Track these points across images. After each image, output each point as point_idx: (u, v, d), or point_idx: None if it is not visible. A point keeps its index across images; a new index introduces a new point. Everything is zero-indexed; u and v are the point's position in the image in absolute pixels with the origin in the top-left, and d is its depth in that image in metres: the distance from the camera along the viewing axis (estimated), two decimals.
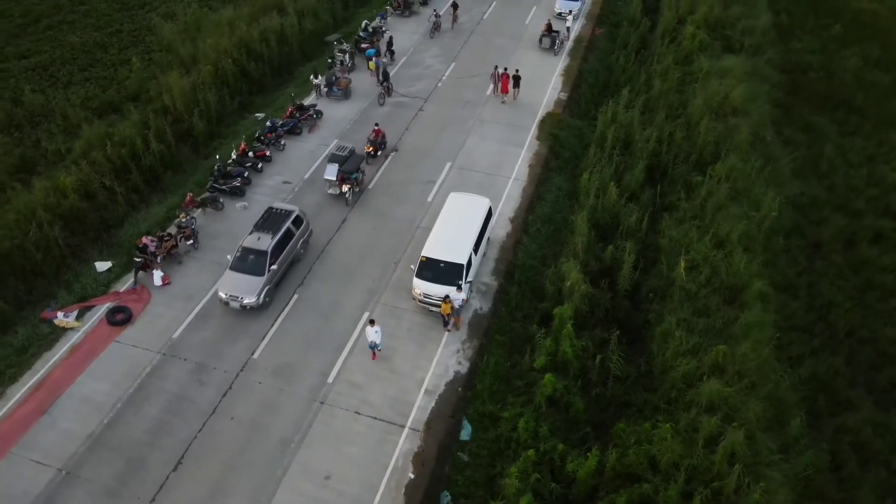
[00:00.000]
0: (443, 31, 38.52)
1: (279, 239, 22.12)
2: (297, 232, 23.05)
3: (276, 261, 21.92)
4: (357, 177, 26.08)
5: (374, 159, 28.23)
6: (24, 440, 18.00)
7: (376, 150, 28.21)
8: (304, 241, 23.66)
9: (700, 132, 27.17)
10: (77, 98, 32.66)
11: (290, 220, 22.85)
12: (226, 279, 21.61)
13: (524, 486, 16.48)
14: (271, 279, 21.83)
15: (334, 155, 26.23)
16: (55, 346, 20.60)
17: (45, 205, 23.92)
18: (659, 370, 19.27)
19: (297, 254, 23.40)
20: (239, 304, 21.21)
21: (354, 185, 26.05)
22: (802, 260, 24.32)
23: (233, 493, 16.96)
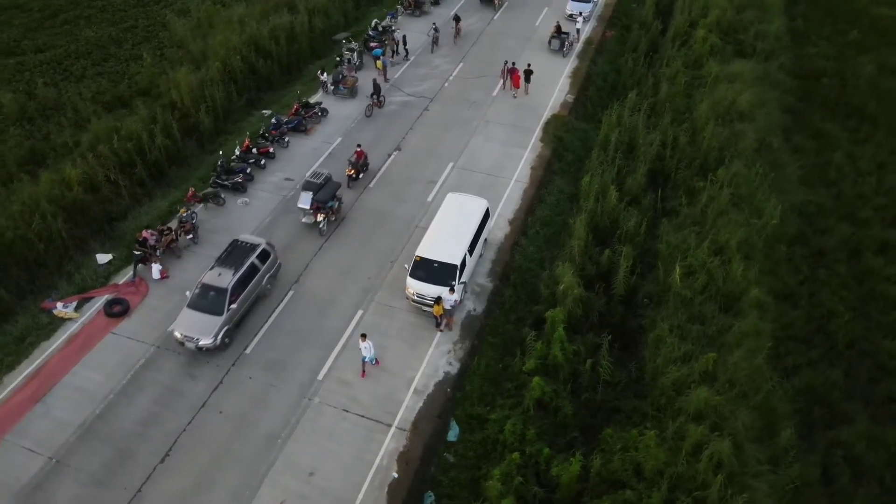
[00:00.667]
0: (441, 45, 36.93)
1: (242, 275, 20.77)
2: (262, 267, 21.64)
3: (236, 299, 20.49)
4: (333, 205, 24.71)
5: (357, 182, 26.96)
6: (17, 428, 18.31)
7: (358, 172, 26.85)
8: (272, 275, 22.28)
9: (705, 137, 26.88)
10: (89, 92, 33.14)
11: (255, 254, 21.50)
12: (182, 317, 20.22)
13: (506, 489, 16.42)
14: (231, 318, 20.40)
15: (308, 182, 24.73)
16: (53, 336, 20.93)
17: (50, 196, 24.30)
18: (650, 376, 19.11)
19: (263, 290, 21.96)
20: (194, 345, 19.87)
21: (330, 214, 24.68)
22: (805, 268, 23.94)
23: (217, 486, 17.11)
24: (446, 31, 37.53)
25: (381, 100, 31.67)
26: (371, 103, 31.34)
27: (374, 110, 31.47)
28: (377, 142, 29.65)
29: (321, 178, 24.89)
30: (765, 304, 20.99)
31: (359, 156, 27.11)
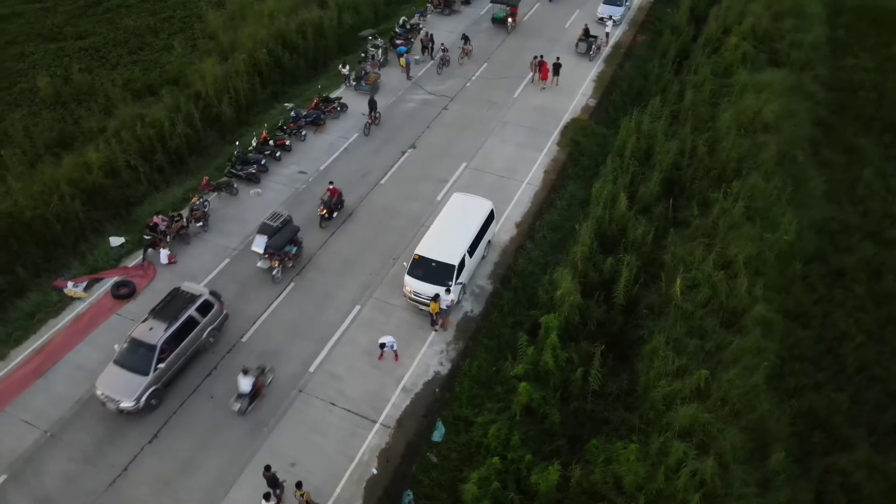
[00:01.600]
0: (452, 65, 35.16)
1: (176, 330, 18.90)
2: (202, 320, 19.74)
3: (167, 357, 18.63)
4: (290, 250, 22.75)
5: (329, 222, 24.91)
6: (18, 400, 18.96)
7: (331, 211, 24.68)
8: (215, 328, 20.36)
9: (724, 147, 26.17)
10: (121, 79, 34.08)
11: (195, 306, 19.57)
12: (107, 373, 18.44)
13: (483, 494, 16.29)
14: (159, 379, 18.52)
15: (264, 224, 22.57)
16: (61, 314, 21.60)
17: (70, 179, 25.07)
18: (642, 389, 18.71)
19: (204, 343, 20.13)
20: (115, 407, 18.10)
21: (287, 261, 22.76)
22: (821, 287, 23.07)
23: (201, 469, 17.41)
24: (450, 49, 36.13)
25: (376, 116, 30.31)
26: (368, 121, 30.08)
27: (372, 128, 30.20)
28: (393, 139, 29.76)
29: (279, 221, 22.67)
30: (771, 321, 20.31)
31: (332, 193, 24.83)
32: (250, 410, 18.75)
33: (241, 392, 18.60)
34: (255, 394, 18.83)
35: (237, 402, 18.58)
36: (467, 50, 35.48)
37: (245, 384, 18.55)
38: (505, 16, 38.41)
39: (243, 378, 18.55)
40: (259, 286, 22.61)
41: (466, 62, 35.42)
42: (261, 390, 19.13)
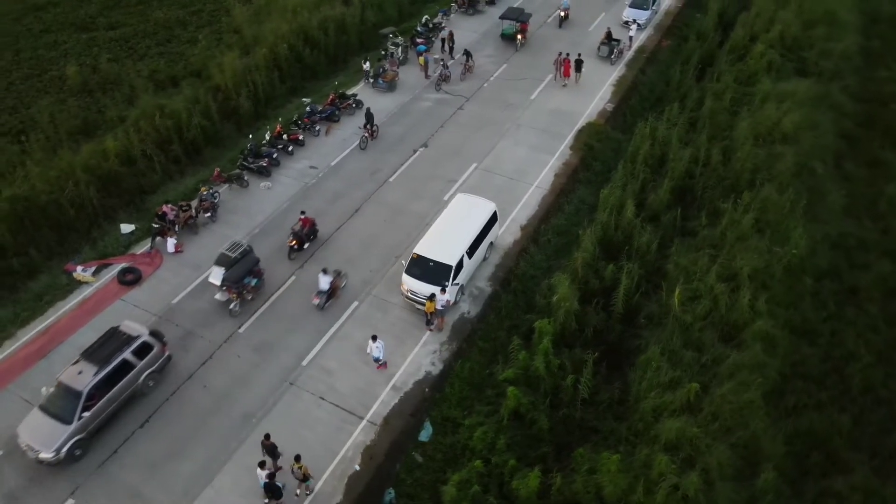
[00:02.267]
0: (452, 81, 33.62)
1: (107, 375, 17.54)
2: (139, 363, 18.32)
3: (95, 404, 17.24)
4: (250, 282, 21.49)
5: (300, 253, 23.53)
6: (20, 379, 19.50)
7: (301, 243, 23.32)
8: (154, 370, 18.92)
9: (740, 157, 25.59)
10: (146, 70, 34.83)
11: (132, 348, 18.23)
12: (30, 420, 17.20)
13: (462, 497, 16.22)
14: (84, 428, 17.12)
15: (222, 255, 21.14)
16: (68, 297, 22.16)
17: (86, 166, 25.70)
18: (633, 399, 18.41)
19: (142, 387, 18.73)
20: (35, 457, 16.79)
21: (245, 293, 21.54)
22: (831, 305, 22.34)
23: (188, 457, 17.68)
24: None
25: (374, 129, 29.32)
26: (364, 134, 28.99)
27: (369, 142, 29.15)
28: (406, 137, 29.80)
29: (238, 252, 21.25)
30: (774, 337, 19.81)
31: (304, 223, 23.58)
32: (327, 307, 21.53)
33: (321, 289, 21.42)
34: (331, 293, 21.50)
35: (316, 297, 21.40)
36: (469, 66, 34.07)
37: (324, 282, 21.37)
38: (514, 32, 36.79)
39: (323, 276, 21.33)
40: None
41: (469, 77, 33.96)
42: (336, 291, 21.83)
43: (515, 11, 37.34)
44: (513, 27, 36.94)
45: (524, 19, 36.77)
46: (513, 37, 36.76)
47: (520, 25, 36.63)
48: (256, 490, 16.91)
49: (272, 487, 16.12)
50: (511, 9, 37.92)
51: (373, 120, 29.15)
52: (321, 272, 21.36)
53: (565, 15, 38.65)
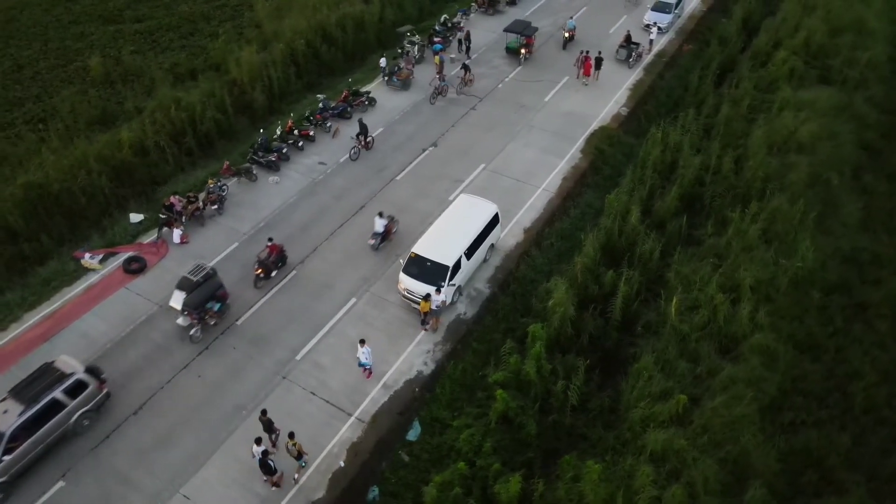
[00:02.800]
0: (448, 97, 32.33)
1: (33, 416, 16.48)
2: (70, 403, 17.29)
3: (18, 445, 16.22)
4: (212, 307, 20.56)
5: (267, 281, 22.47)
6: (23, 361, 19.93)
7: (267, 271, 22.32)
8: (89, 410, 17.87)
9: (752, 166, 25.08)
10: (167, 63, 35.41)
11: (63, 387, 17.13)
12: None
13: (443, 498, 16.18)
14: (6, 471, 16.20)
15: (184, 279, 20.59)
16: (75, 284, 22.63)
17: (100, 155, 26.22)
18: (624, 408, 18.17)
19: (74, 427, 17.62)
20: None
21: (207, 318, 20.62)
22: (839, 320, 21.77)
23: (177, 445, 17.94)
24: None
25: (369, 141, 28.50)
26: (356, 144, 28.10)
27: (362, 152, 28.33)
28: (416, 136, 29.81)
29: (201, 275, 20.60)
30: (775, 351, 19.39)
31: (271, 250, 22.51)
32: (381, 247, 23.53)
33: (376, 231, 23.42)
34: (385, 234, 23.46)
35: (372, 239, 23.43)
36: (467, 79, 32.72)
37: (379, 225, 23.33)
38: (518, 46, 35.07)
39: (379, 220, 23.35)
40: None
41: (468, 91, 32.63)
42: (390, 233, 23.81)
43: (521, 24, 35.54)
44: (518, 41, 35.41)
45: (529, 33, 35.06)
46: (517, 50, 35.24)
47: (525, 39, 35.16)
48: (242, 481, 17.14)
49: (266, 465, 16.42)
50: (517, 21, 36.18)
51: (367, 131, 28.26)
52: (377, 215, 23.46)
53: (570, 36, 36.35)
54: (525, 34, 35.00)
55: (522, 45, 34.99)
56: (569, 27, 36.51)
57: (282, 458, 17.23)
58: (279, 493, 16.95)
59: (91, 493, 16.81)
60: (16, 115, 31.96)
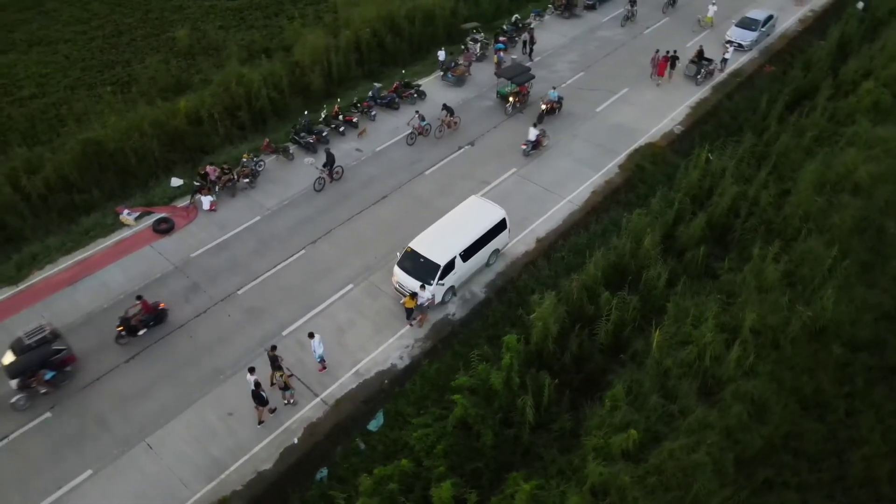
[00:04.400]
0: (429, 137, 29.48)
1: None
2: None
3: None
4: (44, 374, 18.47)
5: (134, 339, 20.47)
6: (48, 299, 21.95)
7: (133, 330, 20.29)
8: None
9: (792, 202, 23.29)
10: (245, 40, 37.36)
11: None
12: None
13: (377, 491, 16.34)
14: None
15: (17, 340, 18.93)
16: (109, 236, 24.53)
17: (156, 121, 28.17)
18: (583, 435, 17.56)
19: None
20: None
21: (36, 386, 18.50)
22: (860, 381, 19.91)
23: (153, 398, 19.14)
24: None
25: (335, 172, 26.69)
26: (321, 176, 26.28)
27: (327, 183, 26.50)
28: (456, 133, 29.78)
29: (35, 338, 18.83)
30: (766, 402, 18.08)
31: (145, 308, 20.54)
32: (530, 154, 27.99)
33: (529, 139, 27.89)
34: (536, 143, 27.93)
35: (524, 144, 27.88)
36: (448, 122, 29.50)
37: (532, 134, 27.87)
38: (509, 92, 31.05)
39: (532, 129, 27.89)
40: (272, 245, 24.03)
41: (448, 134, 29.59)
42: (540, 144, 28.19)
43: (515, 69, 31.33)
44: (510, 87, 31.23)
45: (522, 80, 30.91)
46: (506, 98, 31.20)
47: (519, 87, 31.11)
48: (202, 440, 18.10)
49: (258, 396, 17.80)
50: (513, 65, 32.26)
51: (334, 161, 26.41)
52: (532, 125, 28.03)
53: (549, 108, 30.35)
54: (517, 81, 30.90)
55: (514, 93, 31.07)
56: (550, 98, 30.69)
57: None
58: (229, 456, 17.69)
59: (70, 428, 18.31)
60: (105, 76, 34.91)
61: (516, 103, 31.21)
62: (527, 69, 31.66)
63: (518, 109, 31.33)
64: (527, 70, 31.50)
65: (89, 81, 34.28)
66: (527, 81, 31.35)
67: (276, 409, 18.84)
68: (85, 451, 17.76)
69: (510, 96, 31.01)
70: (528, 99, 31.86)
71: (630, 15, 38.49)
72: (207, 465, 17.54)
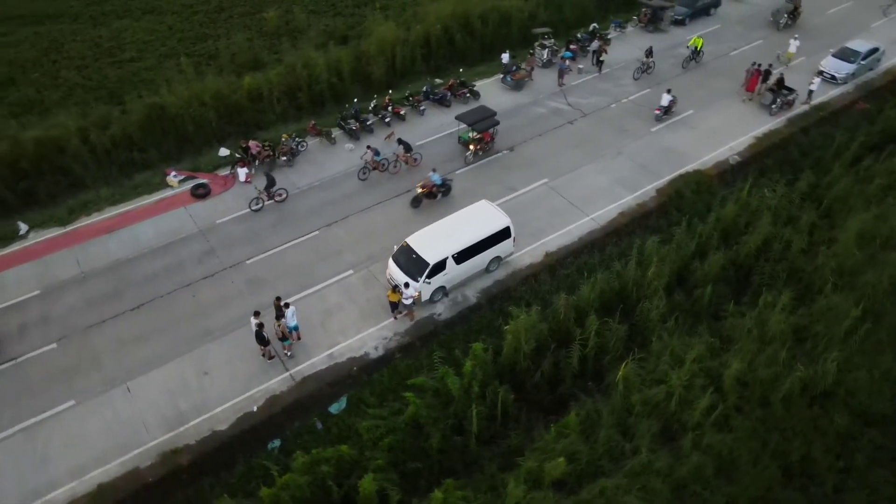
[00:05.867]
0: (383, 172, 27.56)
1: None
2: None
3: None
4: None
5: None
6: (85, 244, 24.16)
7: None
8: None
9: (825, 252, 21.33)
10: (326, 26, 38.92)
11: None
12: None
13: (310, 470, 16.80)
14: None
15: None
16: (153, 194, 26.58)
17: (218, 93, 30.10)
18: (524, 455, 17.14)
19: None
20: None
21: None
22: (861, 458, 18.03)
23: (146, 346, 20.60)
24: None
25: (275, 193, 25.65)
26: (260, 195, 25.40)
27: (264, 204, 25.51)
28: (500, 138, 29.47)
29: None
30: (735, 459, 16.84)
31: None
32: (663, 119, 30.01)
33: (662, 105, 30.24)
34: (668, 108, 30.20)
35: (658, 110, 30.26)
36: (405, 158, 27.47)
37: (665, 100, 30.10)
38: (469, 140, 28.07)
39: (666, 95, 30.17)
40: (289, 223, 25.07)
41: (405, 170, 27.51)
42: (670, 109, 30.40)
43: (479, 113, 27.98)
44: (471, 133, 28.03)
45: (484, 127, 27.62)
46: (466, 145, 28.22)
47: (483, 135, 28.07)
48: (176, 393, 19.33)
49: (260, 336, 19.49)
50: (477, 108, 28.59)
51: (273, 184, 25.54)
52: (665, 91, 30.26)
53: (427, 191, 25.49)
54: (478, 128, 27.53)
55: (476, 141, 27.90)
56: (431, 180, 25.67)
57: None
58: (193, 411, 18.77)
59: (68, 360, 20.14)
60: (196, 48, 37.63)
61: (477, 150, 28.11)
62: (492, 114, 28.07)
63: (480, 157, 28.18)
64: (492, 115, 28.03)
65: (182, 51, 37.05)
66: (490, 128, 28.04)
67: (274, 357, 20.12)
68: (74, 384, 19.50)
69: (470, 144, 28.01)
70: (493, 146, 28.73)
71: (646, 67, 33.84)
72: (172, 417, 18.74)
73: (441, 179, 25.84)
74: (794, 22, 38.29)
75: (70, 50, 37.41)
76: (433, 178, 25.71)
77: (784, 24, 37.76)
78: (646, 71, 33.82)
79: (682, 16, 38.51)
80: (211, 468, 17.84)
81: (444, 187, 25.84)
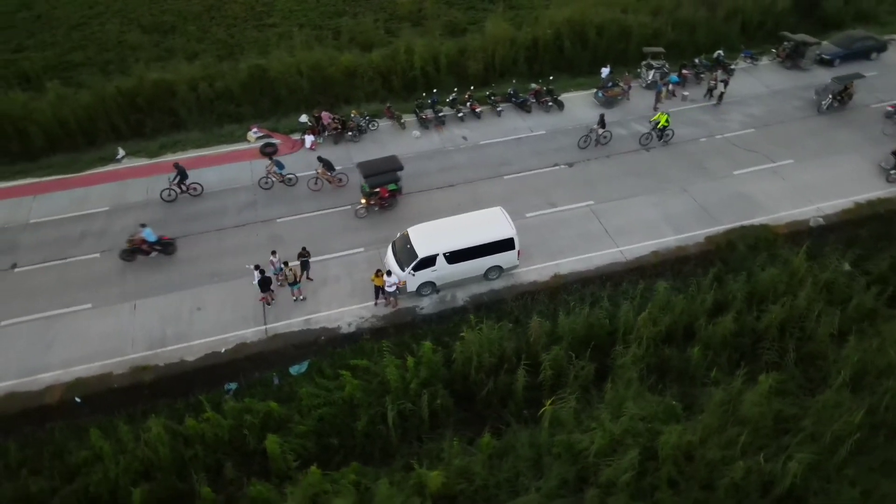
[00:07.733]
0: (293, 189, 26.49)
1: None
2: None
3: None
4: None
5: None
6: (158, 176, 27.22)
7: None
8: None
9: (857, 346, 18.38)
10: (457, 18, 39.78)
11: None
12: None
13: (237, 417, 17.99)
14: None
15: None
16: (231, 144, 29.34)
17: (317, 65, 32.26)
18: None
19: None
20: None
21: None
22: None
23: (165, 273, 23.01)
24: None
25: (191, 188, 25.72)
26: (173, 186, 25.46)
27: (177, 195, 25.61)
28: (563, 150, 28.58)
29: None
30: None
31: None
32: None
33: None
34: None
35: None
36: (327, 177, 26.14)
37: None
38: (370, 193, 24.95)
39: None
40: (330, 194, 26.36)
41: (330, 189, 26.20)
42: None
43: (382, 164, 25.33)
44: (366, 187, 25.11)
45: (383, 182, 24.98)
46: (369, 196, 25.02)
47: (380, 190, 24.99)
48: (167, 319, 21.43)
49: (266, 281, 21.23)
50: (380, 159, 25.85)
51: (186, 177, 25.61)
52: None
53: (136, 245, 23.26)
54: (372, 182, 24.80)
55: (373, 195, 24.99)
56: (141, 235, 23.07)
57: None
58: (173, 339, 20.75)
59: (102, 270, 23.09)
60: (330, 22, 40.34)
61: (373, 206, 25.25)
62: (395, 168, 25.28)
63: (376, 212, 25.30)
64: (393, 169, 25.20)
65: (316, 23, 40.01)
66: (390, 182, 25.09)
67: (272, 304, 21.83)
68: (98, 291, 22.41)
69: (364, 198, 25.15)
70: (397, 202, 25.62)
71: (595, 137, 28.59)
72: (156, 339, 20.89)
73: (156, 237, 23.18)
74: (844, 106, 31.38)
75: (227, 10, 41.93)
76: (144, 234, 22.99)
77: (828, 106, 30.98)
78: (597, 142, 28.53)
79: (831, 56, 34.21)
80: (168, 391, 19.68)
81: (160, 245, 23.38)
